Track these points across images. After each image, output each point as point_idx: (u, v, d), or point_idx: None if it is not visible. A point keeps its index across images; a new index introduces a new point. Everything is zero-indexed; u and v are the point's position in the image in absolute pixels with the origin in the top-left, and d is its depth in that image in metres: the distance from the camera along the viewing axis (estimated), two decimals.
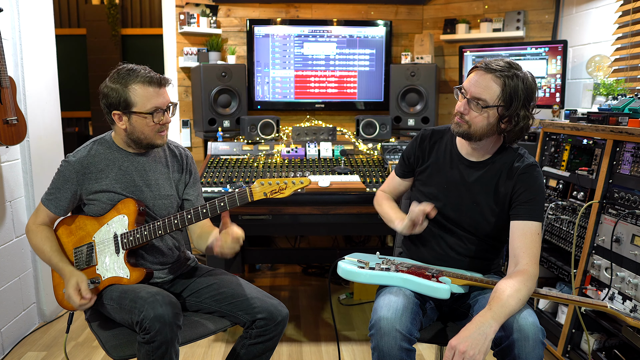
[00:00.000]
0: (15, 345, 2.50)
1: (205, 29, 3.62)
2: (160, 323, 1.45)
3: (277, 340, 1.71)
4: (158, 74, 1.64)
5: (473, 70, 1.54)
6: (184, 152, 1.88)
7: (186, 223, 1.63)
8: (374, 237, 3.77)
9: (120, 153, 1.73)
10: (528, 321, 1.38)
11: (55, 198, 1.70)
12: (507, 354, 1.38)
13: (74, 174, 1.67)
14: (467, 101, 1.52)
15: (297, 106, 3.74)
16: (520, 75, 1.49)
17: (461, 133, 1.56)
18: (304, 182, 1.57)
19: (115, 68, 1.68)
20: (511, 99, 1.48)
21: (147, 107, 1.62)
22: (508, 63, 1.50)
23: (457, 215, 1.65)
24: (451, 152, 1.69)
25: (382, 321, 1.42)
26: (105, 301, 1.66)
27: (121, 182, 1.70)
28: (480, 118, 1.51)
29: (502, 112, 1.49)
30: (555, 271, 2.33)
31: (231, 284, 1.76)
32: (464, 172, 1.64)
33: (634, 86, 2.58)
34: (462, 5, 3.66)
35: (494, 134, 1.56)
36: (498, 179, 1.59)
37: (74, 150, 1.72)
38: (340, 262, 1.64)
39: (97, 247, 1.70)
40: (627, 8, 2.61)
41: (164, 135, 1.70)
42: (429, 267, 1.65)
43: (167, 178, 1.79)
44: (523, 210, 1.52)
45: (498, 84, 1.48)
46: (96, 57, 6.05)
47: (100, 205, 1.70)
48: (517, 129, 1.52)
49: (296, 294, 3.21)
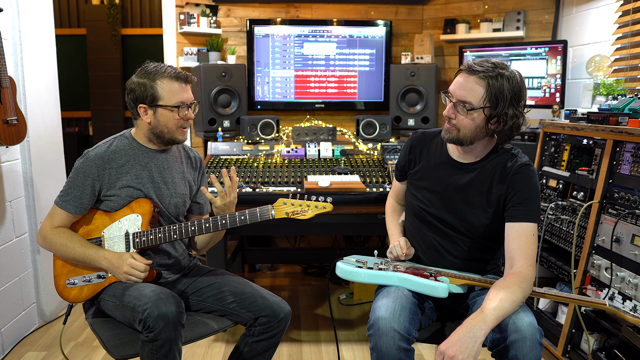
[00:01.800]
0: (15, 345, 2.50)
1: (205, 29, 3.62)
2: (164, 321, 1.45)
3: (280, 337, 1.72)
4: (183, 72, 1.69)
5: (458, 73, 1.53)
6: (198, 156, 1.93)
7: (203, 231, 1.67)
8: (374, 237, 3.77)
9: (140, 149, 1.74)
10: (525, 322, 1.37)
11: (75, 197, 1.66)
12: (505, 355, 1.38)
13: (94, 168, 1.67)
14: (453, 105, 1.51)
15: (297, 106, 3.74)
16: (506, 75, 1.46)
17: (451, 139, 1.55)
18: (327, 207, 1.65)
19: (140, 66, 1.72)
20: (497, 99, 1.45)
21: (173, 101, 1.66)
22: (493, 63, 1.47)
23: (451, 218, 1.64)
24: (442, 154, 1.67)
25: (380, 321, 1.42)
26: (107, 298, 1.66)
27: (141, 178, 1.72)
28: (467, 121, 1.49)
29: (488, 113, 1.47)
30: (555, 271, 2.33)
31: (233, 283, 1.77)
32: (456, 174, 1.63)
33: (634, 86, 2.58)
34: (462, 5, 3.66)
35: (485, 136, 1.55)
36: (491, 180, 1.58)
37: (93, 146, 1.73)
38: (339, 263, 1.65)
39: (106, 243, 1.70)
40: (627, 8, 2.61)
41: (186, 132, 1.74)
42: (427, 268, 1.66)
43: (182, 177, 1.82)
44: (517, 212, 1.51)
45: (482, 86, 1.46)
46: (96, 57, 6.04)
47: (119, 201, 1.70)
48: (507, 128, 1.50)
49: (296, 294, 3.21)
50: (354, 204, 2.40)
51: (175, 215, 1.80)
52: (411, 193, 1.75)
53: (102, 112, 6.11)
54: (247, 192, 2.37)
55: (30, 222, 2.64)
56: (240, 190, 2.38)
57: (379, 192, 2.39)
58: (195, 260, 1.94)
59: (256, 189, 2.40)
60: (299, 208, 1.63)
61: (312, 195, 1.69)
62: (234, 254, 3.13)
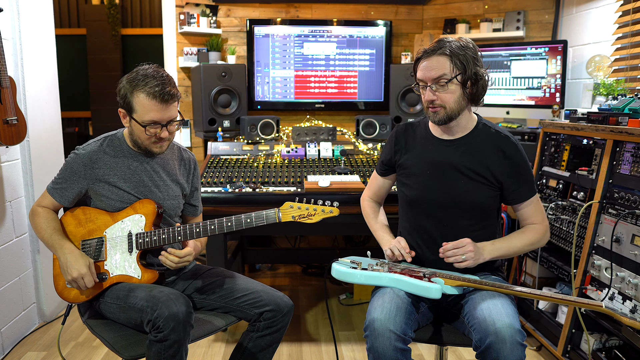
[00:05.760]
0: (15, 345, 2.50)
1: (205, 29, 3.62)
2: (174, 322, 1.45)
3: (283, 332, 1.73)
4: (168, 89, 1.60)
5: (419, 62, 1.63)
6: (191, 157, 1.90)
7: (208, 233, 1.66)
8: (374, 238, 3.76)
9: (129, 152, 1.73)
10: (504, 323, 1.38)
11: (62, 188, 1.70)
12: (486, 357, 1.39)
13: (82, 167, 1.68)
14: (429, 88, 1.59)
15: (297, 106, 3.74)
16: (455, 44, 1.57)
17: (441, 119, 1.62)
18: (334, 211, 1.64)
19: (139, 65, 1.67)
20: (463, 64, 1.56)
21: (144, 118, 1.61)
22: (441, 40, 1.59)
23: (445, 197, 1.67)
24: (427, 137, 1.73)
25: (376, 322, 1.43)
26: (109, 300, 1.65)
27: (130, 182, 1.71)
28: (448, 95, 1.58)
29: (461, 79, 1.58)
30: (555, 271, 2.33)
31: (235, 280, 1.78)
32: (445, 150, 1.68)
33: (634, 86, 2.58)
34: (462, 5, 3.66)
35: (466, 104, 1.63)
36: (483, 153, 1.65)
37: (85, 143, 1.73)
38: (334, 264, 1.65)
39: (108, 243, 1.69)
40: (627, 8, 2.61)
41: (162, 145, 1.69)
42: (422, 269, 1.66)
43: (174, 180, 1.81)
44: (520, 193, 1.65)
45: (446, 58, 1.56)
46: (96, 57, 6.05)
47: (109, 202, 1.70)
48: (481, 85, 1.60)
49: (296, 294, 3.21)
50: (354, 204, 2.39)
51: (171, 217, 1.80)
52: (402, 183, 1.77)
53: (102, 112, 6.11)
54: (247, 192, 2.38)
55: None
56: (240, 190, 2.38)
57: None
58: (194, 261, 1.94)
59: (256, 189, 2.40)
60: (305, 212, 1.62)
61: (313, 196, 1.69)
62: (234, 254, 3.13)
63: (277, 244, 3.85)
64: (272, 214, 1.63)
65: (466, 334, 1.57)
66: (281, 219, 1.63)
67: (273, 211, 1.63)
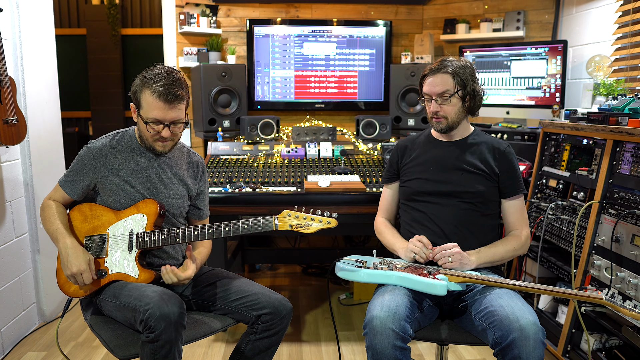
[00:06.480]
0: (15, 345, 2.50)
1: (205, 29, 3.62)
2: (165, 322, 1.45)
3: (282, 334, 1.73)
4: (174, 91, 1.63)
5: (425, 79, 1.83)
6: (200, 160, 1.93)
7: (206, 237, 1.68)
8: (374, 237, 3.76)
9: (138, 148, 1.77)
10: (529, 320, 1.39)
11: (72, 181, 1.76)
12: (507, 353, 1.39)
13: (92, 160, 1.73)
14: (434, 101, 1.79)
15: (297, 106, 3.74)
16: (456, 63, 1.79)
17: (444, 128, 1.82)
18: (332, 223, 1.64)
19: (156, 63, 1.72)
20: (463, 81, 1.77)
21: (148, 115, 1.65)
22: (444, 59, 1.80)
23: (447, 187, 1.80)
24: (428, 140, 1.92)
25: (375, 320, 1.44)
26: (107, 298, 1.66)
27: (137, 177, 1.74)
28: (450, 108, 1.79)
29: (462, 94, 1.78)
30: (555, 271, 2.33)
31: (234, 282, 1.78)
32: (447, 149, 1.86)
33: (634, 86, 2.58)
34: (462, 5, 3.67)
35: (465, 115, 1.84)
36: (482, 151, 1.82)
37: (97, 138, 1.79)
38: (338, 263, 1.67)
39: (110, 240, 1.71)
40: (627, 8, 2.61)
41: (166, 144, 1.72)
42: (426, 266, 1.66)
43: (180, 179, 1.83)
44: (509, 187, 1.81)
45: (449, 75, 1.77)
46: (96, 57, 6.04)
47: (115, 197, 1.73)
48: (478, 100, 1.82)
49: (296, 294, 3.21)
50: (354, 204, 2.40)
51: (175, 216, 1.81)
52: (405, 180, 1.90)
53: (102, 112, 6.11)
54: (247, 192, 2.38)
55: (30, 222, 2.64)
56: (240, 190, 2.38)
57: (379, 192, 2.39)
58: None
59: (256, 189, 2.40)
60: (303, 222, 1.63)
61: (313, 195, 1.70)
62: (234, 254, 3.13)
63: (277, 244, 3.85)
64: (269, 221, 1.64)
65: (474, 332, 1.57)
66: (278, 227, 1.64)
67: (270, 219, 1.64)
